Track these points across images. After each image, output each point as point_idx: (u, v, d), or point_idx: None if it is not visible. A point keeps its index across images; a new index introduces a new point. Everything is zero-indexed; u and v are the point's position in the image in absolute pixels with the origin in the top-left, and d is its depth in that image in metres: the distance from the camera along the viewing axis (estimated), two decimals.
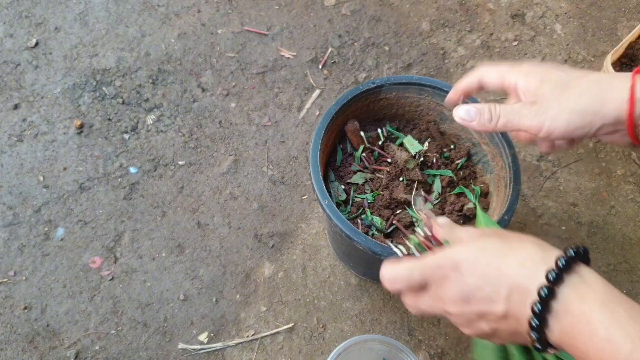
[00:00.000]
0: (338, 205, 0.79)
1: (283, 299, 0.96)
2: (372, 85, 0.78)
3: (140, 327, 0.93)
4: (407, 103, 0.83)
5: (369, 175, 0.81)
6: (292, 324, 0.93)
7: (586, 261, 0.42)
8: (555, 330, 0.40)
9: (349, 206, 0.79)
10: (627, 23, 1.27)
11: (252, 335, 0.93)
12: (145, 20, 1.25)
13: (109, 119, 1.12)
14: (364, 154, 0.82)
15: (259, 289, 0.97)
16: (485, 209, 0.76)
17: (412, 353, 0.76)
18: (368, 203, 0.78)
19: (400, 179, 0.79)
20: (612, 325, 0.36)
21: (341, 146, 0.84)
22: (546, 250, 0.42)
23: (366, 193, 0.80)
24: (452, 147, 0.84)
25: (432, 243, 0.51)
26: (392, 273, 0.46)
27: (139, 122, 1.12)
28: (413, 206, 0.77)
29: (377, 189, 0.79)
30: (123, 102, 1.14)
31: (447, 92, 0.70)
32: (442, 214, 0.76)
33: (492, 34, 1.26)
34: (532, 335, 0.41)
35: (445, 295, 0.44)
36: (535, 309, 0.40)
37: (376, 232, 0.77)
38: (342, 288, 0.97)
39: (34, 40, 1.20)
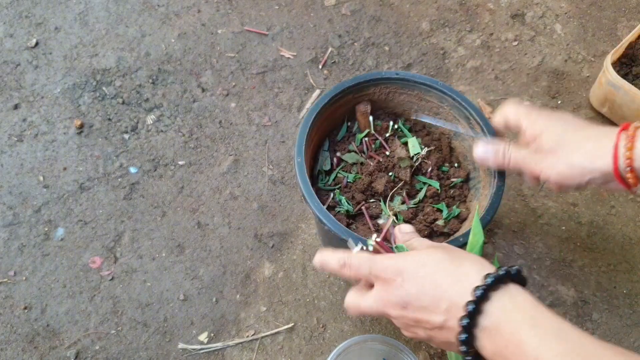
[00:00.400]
0: (320, 173, 0.81)
1: (283, 298, 0.96)
2: (395, 76, 0.79)
3: (140, 327, 0.93)
4: (427, 107, 0.83)
5: (361, 159, 0.82)
6: (292, 324, 0.93)
7: (521, 281, 0.44)
8: (488, 348, 0.42)
9: (330, 178, 0.81)
10: (627, 23, 1.27)
11: (252, 335, 0.93)
12: (145, 20, 1.25)
13: (109, 119, 1.12)
14: (366, 139, 0.82)
15: (259, 289, 0.97)
16: (455, 231, 0.76)
17: (412, 353, 0.76)
18: (347, 182, 0.79)
19: (389, 173, 0.79)
20: (541, 346, 0.38)
21: (349, 123, 0.85)
22: (483, 268, 0.45)
23: (351, 173, 0.81)
24: (456, 164, 0.83)
25: (381, 249, 0.55)
26: (346, 258, 0.51)
27: (139, 122, 1.12)
28: (388, 202, 0.78)
29: (361, 173, 0.80)
30: (123, 102, 1.14)
31: (466, 107, 0.73)
32: (413, 218, 0.77)
33: (492, 34, 1.26)
34: (461, 348, 0.43)
35: (387, 297, 0.48)
36: (463, 322, 0.42)
37: (342, 211, 0.78)
38: (342, 288, 0.97)
39: (34, 40, 1.20)
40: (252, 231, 1.02)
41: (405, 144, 0.83)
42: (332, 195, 0.79)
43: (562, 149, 0.52)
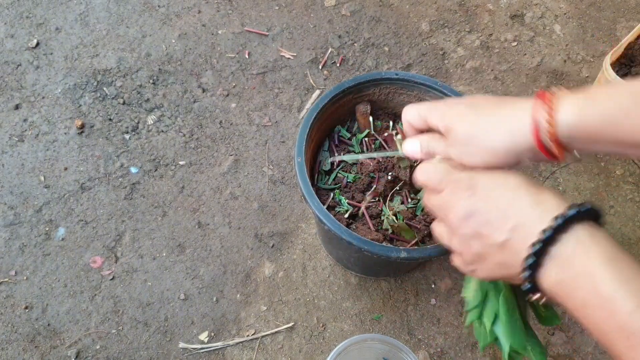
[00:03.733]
0: (320, 174, 0.82)
1: (283, 298, 0.96)
2: (395, 76, 0.79)
3: (141, 327, 0.93)
4: None
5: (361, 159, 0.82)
6: (292, 323, 0.94)
7: (599, 221, 0.42)
8: (551, 278, 0.41)
9: (330, 178, 0.81)
10: (626, 23, 1.28)
11: (253, 334, 0.93)
12: (146, 21, 1.25)
13: (110, 119, 1.12)
14: (366, 139, 0.83)
15: (259, 288, 0.97)
16: None
17: (411, 352, 0.76)
18: (347, 182, 0.80)
19: (389, 174, 0.80)
20: (615, 284, 0.36)
21: (349, 124, 0.86)
22: (563, 200, 0.43)
23: (351, 173, 0.81)
24: None
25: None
26: (424, 167, 0.52)
27: (140, 122, 1.12)
28: (388, 202, 0.78)
29: (361, 173, 0.81)
30: (124, 103, 1.14)
31: None
32: (413, 218, 0.77)
33: (491, 35, 1.27)
34: (524, 274, 0.42)
35: (453, 204, 0.47)
36: (535, 248, 0.40)
37: (342, 211, 0.78)
38: (342, 287, 0.97)
39: (35, 41, 1.21)
40: (253, 231, 1.02)
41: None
42: (332, 195, 0.80)
43: (479, 137, 0.48)
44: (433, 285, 0.98)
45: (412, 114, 0.55)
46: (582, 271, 0.38)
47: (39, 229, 1.01)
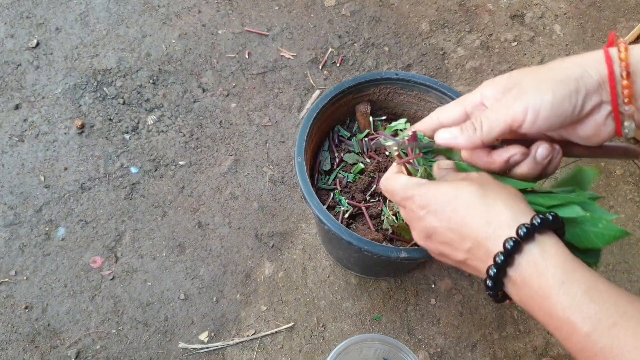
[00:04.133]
0: (320, 173, 0.82)
1: (283, 298, 0.96)
2: (395, 76, 0.79)
3: (141, 327, 0.93)
4: (427, 107, 0.83)
5: (361, 159, 0.82)
6: (292, 323, 0.94)
7: (558, 228, 0.42)
8: (514, 295, 0.42)
9: (330, 178, 0.81)
10: (626, 24, 1.28)
11: (253, 334, 0.93)
12: (146, 21, 1.25)
13: (110, 119, 1.12)
14: (366, 139, 0.83)
15: (259, 288, 0.97)
16: None
17: (411, 352, 0.76)
18: (347, 182, 0.80)
19: None
20: (570, 307, 0.36)
21: (349, 124, 0.86)
22: (517, 213, 0.42)
23: (351, 173, 0.81)
24: None
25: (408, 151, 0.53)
26: (383, 181, 0.53)
27: (140, 122, 1.12)
28: (388, 202, 0.78)
29: (361, 173, 0.81)
30: (124, 103, 1.14)
31: None
32: None
33: (491, 35, 1.27)
34: (487, 291, 0.43)
35: (413, 224, 0.49)
36: (491, 272, 0.41)
37: (341, 211, 0.79)
38: (342, 287, 0.97)
39: (35, 41, 1.21)
40: (253, 231, 1.02)
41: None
42: (332, 195, 0.80)
43: (546, 70, 0.43)
44: (433, 285, 0.98)
45: (445, 109, 0.51)
46: (537, 294, 0.39)
47: (39, 229, 1.01)
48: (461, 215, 0.43)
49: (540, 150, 0.46)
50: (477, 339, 0.94)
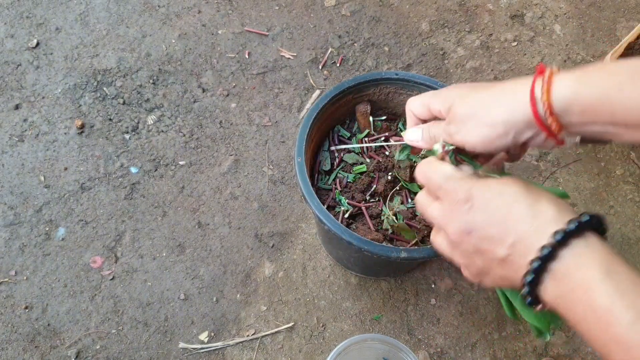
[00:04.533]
0: (320, 173, 0.82)
1: (283, 298, 0.96)
2: (395, 76, 0.79)
3: (141, 327, 0.93)
4: None
5: (361, 159, 0.82)
6: (292, 323, 0.94)
7: (600, 229, 0.42)
8: (551, 292, 0.41)
9: (330, 178, 0.81)
10: (626, 23, 1.28)
11: (253, 334, 0.93)
12: (146, 21, 1.25)
13: (110, 119, 1.12)
14: (366, 139, 0.83)
15: (259, 288, 0.97)
16: None
17: (411, 352, 0.76)
18: (347, 182, 0.80)
19: (389, 173, 0.80)
20: (612, 297, 0.36)
21: (349, 124, 0.86)
22: (561, 209, 0.42)
23: (351, 173, 0.81)
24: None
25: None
26: (423, 168, 0.52)
27: (140, 122, 1.12)
28: (388, 202, 0.78)
29: (361, 173, 0.81)
30: (124, 103, 1.14)
31: None
32: (412, 218, 0.77)
33: (491, 35, 1.27)
34: (524, 289, 0.42)
35: (451, 219, 0.47)
36: (534, 265, 0.40)
37: (341, 211, 0.79)
38: (342, 287, 0.97)
39: (35, 41, 1.21)
40: (253, 231, 1.02)
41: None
42: (332, 195, 0.80)
43: (479, 111, 0.48)
44: (433, 285, 0.98)
45: (415, 103, 0.57)
46: (579, 285, 0.38)
47: (39, 229, 1.01)
48: (507, 210, 0.43)
49: (493, 162, 0.54)
50: (477, 339, 0.94)
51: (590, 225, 0.41)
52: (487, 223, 0.44)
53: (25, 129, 1.11)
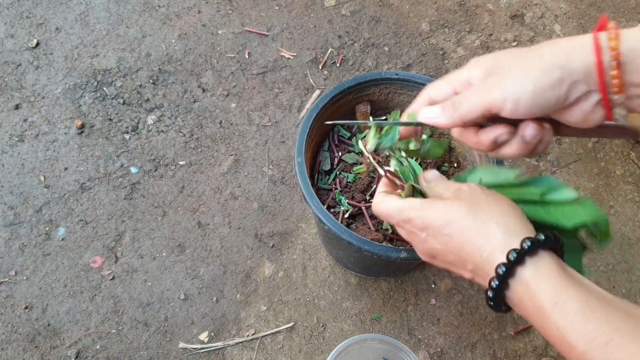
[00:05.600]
0: (320, 173, 0.82)
1: (283, 298, 0.96)
2: (395, 76, 0.79)
3: (141, 327, 0.93)
4: None
5: (360, 159, 0.82)
6: (292, 323, 0.94)
7: (553, 246, 0.42)
8: (516, 311, 0.43)
9: (330, 178, 0.81)
10: (626, 24, 1.28)
11: (253, 334, 0.93)
12: (146, 21, 1.25)
13: (110, 119, 1.12)
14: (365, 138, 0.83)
15: (259, 288, 0.97)
16: None
17: (411, 352, 0.76)
18: (347, 182, 0.80)
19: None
20: (564, 327, 0.38)
21: (349, 124, 0.86)
22: (508, 234, 0.42)
23: (351, 173, 0.81)
24: (455, 164, 0.84)
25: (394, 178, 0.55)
26: (376, 205, 0.52)
27: (140, 122, 1.12)
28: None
29: (361, 173, 0.81)
30: (124, 103, 1.14)
31: None
32: None
33: (491, 35, 1.27)
34: (492, 308, 0.44)
35: (415, 245, 0.50)
36: (489, 293, 0.43)
37: (341, 211, 0.79)
38: (342, 287, 0.97)
39: (35, 41, 1.21)
40: (253, 231, 1.02)
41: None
42: (332, 195, 0.80)
43: (529, 57, 0.42)
44: (433, 285, 0.98)
45: (437, 84, 0.49)
46: (534, 312, 0.40)
47: (39, 229, 1.01)
48: (457, 241, 0.45)
49: (529, 130, 0.45)
50: (477, 339, 0.94)
51: (537, 246, 0.41)
52: (445, 251, 0.46)
53: (25, 129, 1.11)
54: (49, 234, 1.01)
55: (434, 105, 0.49)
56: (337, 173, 0.83)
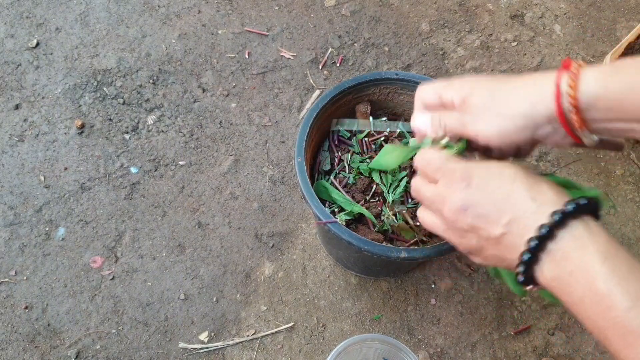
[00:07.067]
0: (320, 174, 0.82)
1: (283, 298, 0.96)
2: (395, 76, 0.79)
3: (141, 327, 0.93)
4: None
5: (360, 159, 0.82)
6: (292, 324, 0.94)
7: (597, 214, 0.42)
8: (547, 273, 0.41)
9: (330, 178, 0.81)
10: (626, 23, 1.28)
11: (253, 334, 0.93)
12: (146, 21, 1.25)
13: (110, 119, 1.12)
14: (366, 139, 0.83)
15: (259, 288, 0.97)
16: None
17: (411, 352, 0.76)
18: (347, 182, 0.80)
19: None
20: (612, 280, 0.36)
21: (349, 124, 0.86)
22: (560, 193, 0.42)
23: (351, 173, 0.81)
24: None
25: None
26: (424, 152, 0.51)
27: (140, 122, 1.12)
28: (388, 202, 0.78)
29: (361, 174, 0.81)
30: (124, 103, 1.14)
31: None
32: (413, 218, 0.77)
33: (491, 35, 1.27)
34: (520, 268, 0.42)
35: (448, 197, 0.46)
36: (531, 244, 0.40)
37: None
38: (342, 287, 0.97)
39: (35, 41, 1.21)
40: (253, 231, 1.02)
41: (406, 144, 0.83)
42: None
43: (497, 101, 0.45)
44: (433, 285, 0.98)
45: (427, 90, 0.53)
46: (578, 268, 0.38)
47: (39, 229, 1.01)
48: (506, 189, 0.43)
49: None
50: (477, 339, 0.94)
51: (588, 208, 0.41)
52: (484, 201, 0.43)
53: (25, 129, 1.11)
54: (49, 234, 1.01)
55: (425, 116, 0.54)
56: (337, 173, 0.83)
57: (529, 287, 0.43)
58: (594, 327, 0.38)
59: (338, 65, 1.21)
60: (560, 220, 0.39)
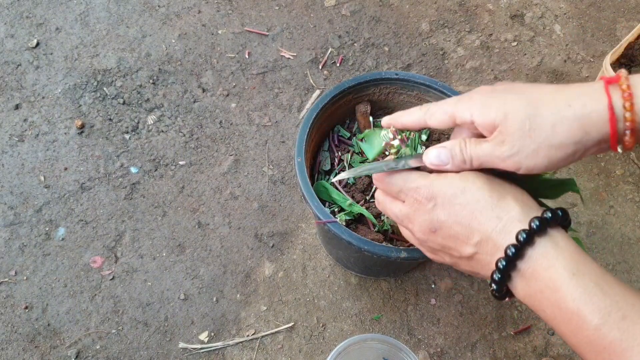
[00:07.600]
0: (320, 174, 0.82)
1: (283, 298, 0.96)
2: (395, 76, 0.79)
3: (141, 327, 0.93)
4: None
5: (360, 159, 0.82)
6: (292, 323, 0.94)
7: (565, 224, 0.41)
8: (520, 290, 0.41)
9: (330, 178, 0.81)
10: (626, 23, 1.28)
11: (253, 334, 0.93)
12: (146, 21, 1.25)
13: (110, 119, 1.12)
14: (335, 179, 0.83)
15: (259, 288, 0.97)
16: None
17: (411, 352, 0.76)
18: (347, 182, 0.80)
19: None
20: (581, 298, 0.36)
21: (349, 124, 0.86)
22: (526, 208, 0.42)
23: None
24: None
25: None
26: (379, 178, 0.49)
27: (140, 122, 1.12)
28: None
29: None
30: (124, 103, 1.14)
31: None
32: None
33: (491, 35, 1.27)
34: (493, 286, 0.42)
35: (415, 219, 0.46)
36: (500, 265, 0.40)
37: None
38: (342, 287, 0.97)
39: (35, 41, 1.21)
40: (253, 231, 1.02)
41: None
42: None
43: (542, 129, 0.39)
44: (433, 285, 0.98)
45: (436, 114, 0.46)
46: (547, 286, 0.38)
47: (39, 229, 1.01)
48: (470, 209, 0.42)
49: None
50: (477, 339, 0.94)
51: (556, 220, 0.40)
52: (451, 221, 0.43)
53: (25, 129, 1.11)
54: (49, 234, 1.01)
55: (442, 149, 0.45)
56: (337, 173, 0.83)
57: (507, 300, 0.44)
58: (570, 344, 0.38)
59: (338, 65, 1.21)
60: (526, 240, 0.39)
